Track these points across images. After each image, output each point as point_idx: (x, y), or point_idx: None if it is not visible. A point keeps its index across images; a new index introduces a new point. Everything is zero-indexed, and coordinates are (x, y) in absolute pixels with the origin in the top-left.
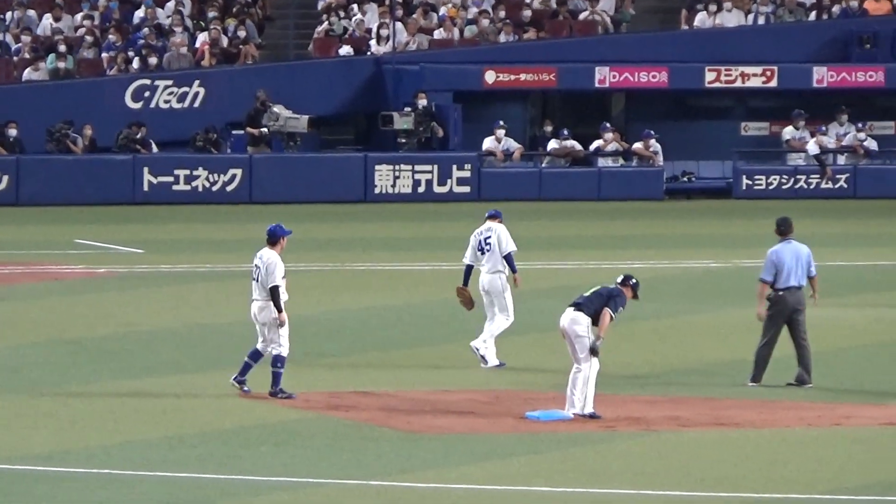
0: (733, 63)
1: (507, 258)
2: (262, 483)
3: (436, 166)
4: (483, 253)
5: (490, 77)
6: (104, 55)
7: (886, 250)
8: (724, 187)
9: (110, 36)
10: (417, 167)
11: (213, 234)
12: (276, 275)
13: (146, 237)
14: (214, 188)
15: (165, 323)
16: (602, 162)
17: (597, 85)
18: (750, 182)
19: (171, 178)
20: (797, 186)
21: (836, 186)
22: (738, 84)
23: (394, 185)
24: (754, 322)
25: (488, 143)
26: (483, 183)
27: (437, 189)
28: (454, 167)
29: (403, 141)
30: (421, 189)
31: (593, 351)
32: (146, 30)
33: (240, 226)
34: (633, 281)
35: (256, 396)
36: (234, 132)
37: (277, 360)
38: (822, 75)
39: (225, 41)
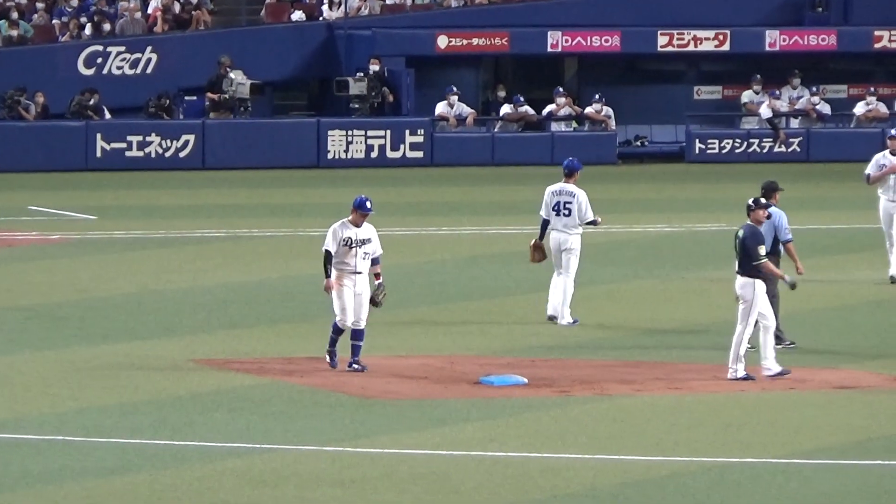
0: (685, 27)
1: (591, 223)
2: (217, 449)
3: (388, 131)
4: (559, 215)
5: (442, 42)
6: (56, 21)
7: (839, 213)
8: (677, 151)
9: (73, 1)
10: (370, 132)
11: (167, 201)
12: (325, 240)
13: (99, 203)
14: (167, 154)
15: (119, 289)
16: (555, 126)
17: (549, 49)
18: (703, 146)
19: (123, 145)
20: (750, 150)
21: (790, 150)
22: (691, 48)
23: (347, 151)
24: (708, 287)
25: (441, 108)
26: (436, 148)
27: (389, 154)
28: (407, 132)
29: (356, 106)
30: (374, 154)
31: (793, 286)
32: None
33: (193, 192)
34: (762, 201)
35: (211, 363)
36: (186, 98)
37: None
38: (774, 39)
39: (177, 7)
